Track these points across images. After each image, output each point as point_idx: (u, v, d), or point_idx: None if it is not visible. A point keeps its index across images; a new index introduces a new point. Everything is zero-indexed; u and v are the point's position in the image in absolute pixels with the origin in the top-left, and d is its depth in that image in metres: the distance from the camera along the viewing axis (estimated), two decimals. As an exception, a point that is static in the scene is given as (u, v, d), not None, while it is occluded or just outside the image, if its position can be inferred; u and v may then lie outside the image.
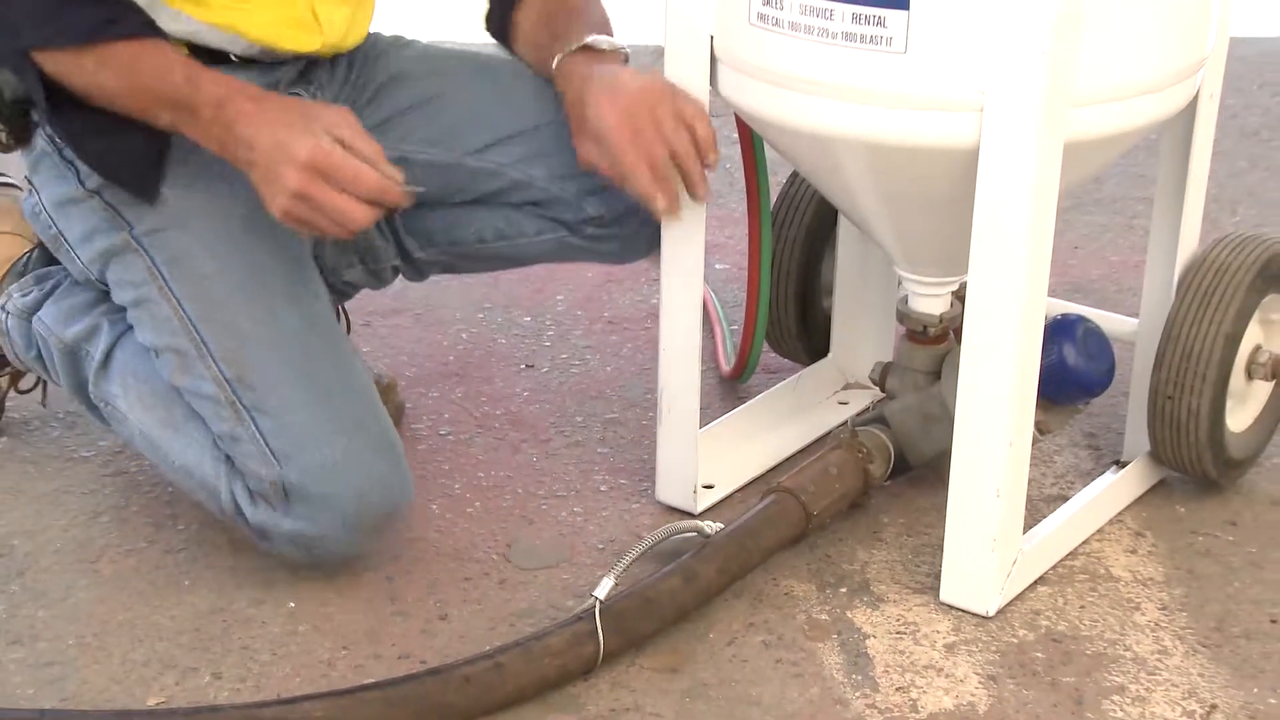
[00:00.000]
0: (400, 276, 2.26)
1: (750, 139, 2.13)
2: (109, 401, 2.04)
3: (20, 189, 2.19)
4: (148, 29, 1.90)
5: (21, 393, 2.29)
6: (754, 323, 2.24)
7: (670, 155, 1.91)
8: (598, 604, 1.82)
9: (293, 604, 1.96)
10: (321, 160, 1.82)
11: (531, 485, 2.21)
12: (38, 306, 2.11)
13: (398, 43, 2.22)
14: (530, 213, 2.12)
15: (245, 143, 1.86)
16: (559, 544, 2.08)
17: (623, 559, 1.88)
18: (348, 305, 2.36)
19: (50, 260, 2.16)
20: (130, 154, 1.96)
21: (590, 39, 2.01)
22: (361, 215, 1.84)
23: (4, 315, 2.15)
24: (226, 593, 1.98)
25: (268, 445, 1.90)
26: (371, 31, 2.17)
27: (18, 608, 1.95)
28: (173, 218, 1.98)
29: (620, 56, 2.01)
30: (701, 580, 1.89)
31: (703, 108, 1.94)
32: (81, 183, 2.01)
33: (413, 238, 2.17)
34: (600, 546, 2.07)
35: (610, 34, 2.05)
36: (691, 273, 2.02)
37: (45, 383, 2.25)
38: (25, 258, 2.20)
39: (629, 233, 2.09)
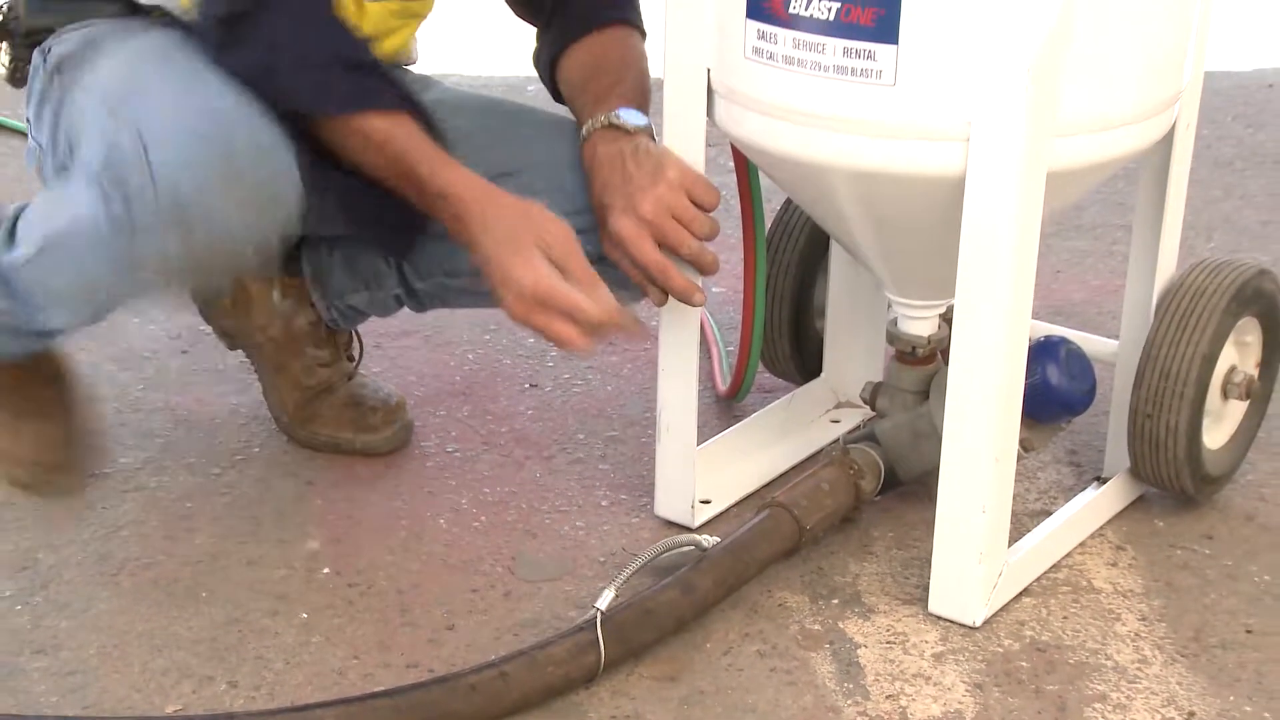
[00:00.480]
0: (404, 308, 2.25)
1: (745, 168, 2.12)
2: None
3: None
4: (404, 102, 1.92)
5: None
6: (749, 344, 2.24)
7: (685, 254, 1.93)
8: (599, 615, 1.81)
9: (305, 615, 1.95)
10: (541, 294, 1.81)
11: (535, 500, 2.20)
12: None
13: (423, 80, 2.22)
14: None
15: (472, 243, 1.88)
16: (562, 557, 2.08)
17: (623, 571, 1.87)
18: (361, 329, 2.36)
19: None
20: (380, 213, 2.00)
21: (620, 118, 1.98)
22: (580, 342, 1.83)
23: None
24: (242, 604, 1.97)
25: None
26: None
27: (41, 618, 1.94)
28: (97, 53, 1.95)
29: (646, 133, 1.99)
30: (699, 592, 1.89)
31: (711, 191, 1.94)
32: (50, 74, 1.98)
33: (412, 266, 2.16)
34: (601, 559, 2.07)
35: (645, 99, 2.04)
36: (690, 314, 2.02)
37: None
38: None
39: (621, 274, 2.08)
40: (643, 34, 2.14)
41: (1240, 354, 2.14)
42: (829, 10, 1.75)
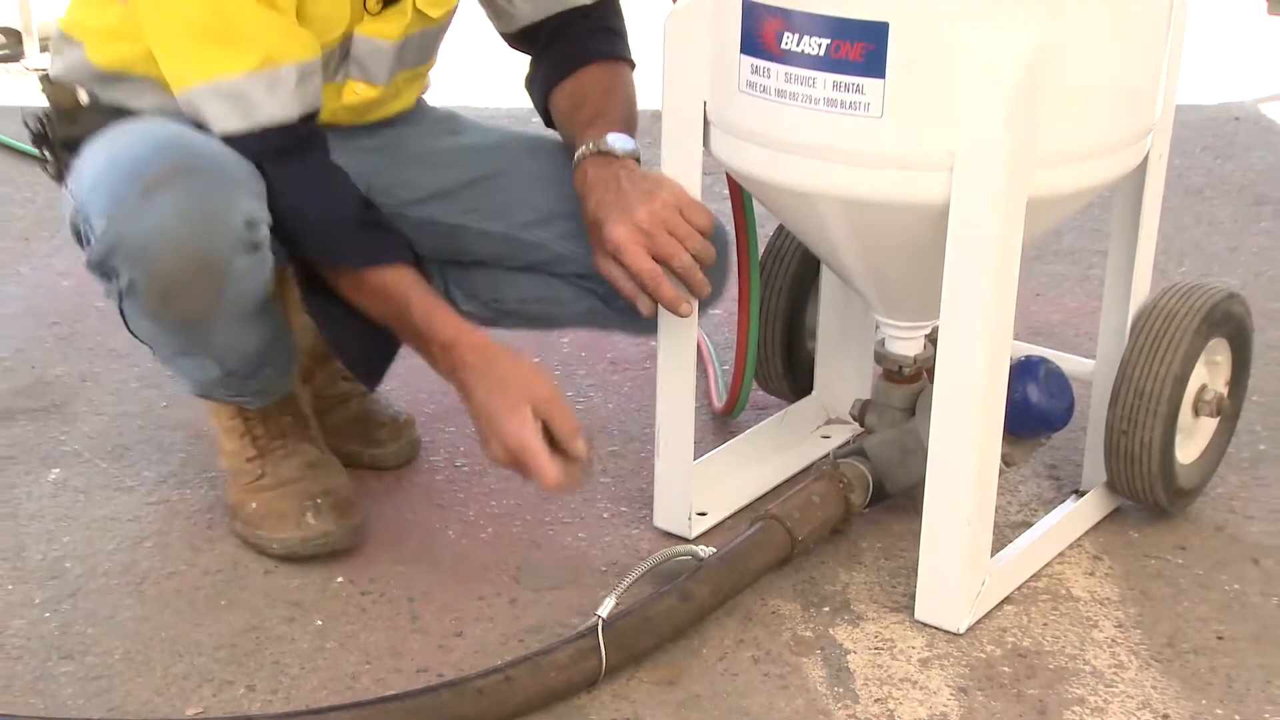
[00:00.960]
0: None
1: (740, 195, 2.12)
2: None
3: None
4: (406, 253, 1.95)
5: None
6: (744, 364, 2.24)
7: (676, 269, 1.93)
8: (600, 622, 1.81)
9: (320, 622, 1.95)
10: (521, 454, 1.85)
11: (539, 513, 2.20)
12: None
13: (453, 118, 2.24)
14: (570, 282, 2.10)
15: (465, 391, 1.91)
16: (565, 566, 2.07)
17: (623, 580, 1.87)
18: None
19: None
20: (362, 343, 2.02)
21: (608, 143, 2.00)
22: (553, 485, 1.85)
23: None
24: (259, 612, 1.97)
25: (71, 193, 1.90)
26: (426, 102, 2.22)
27: (69, 625, 1.94)
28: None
29: (634, 158, 2.00)
30: (696, 600, 1.89)
31: (704, 213, 1.95)
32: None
33: (460, 290, 2.17)
34: (603, 569, 2.07)
35: (632, 126, 2.06)
36: (686, 319, 2.02)
37: None
38: None
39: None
40: (631, 66, 2.15)
41: (1211, 373, 2.14)
42: (819, 46, 1.76)
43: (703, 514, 2.14)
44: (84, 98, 2.00)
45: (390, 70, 2.06)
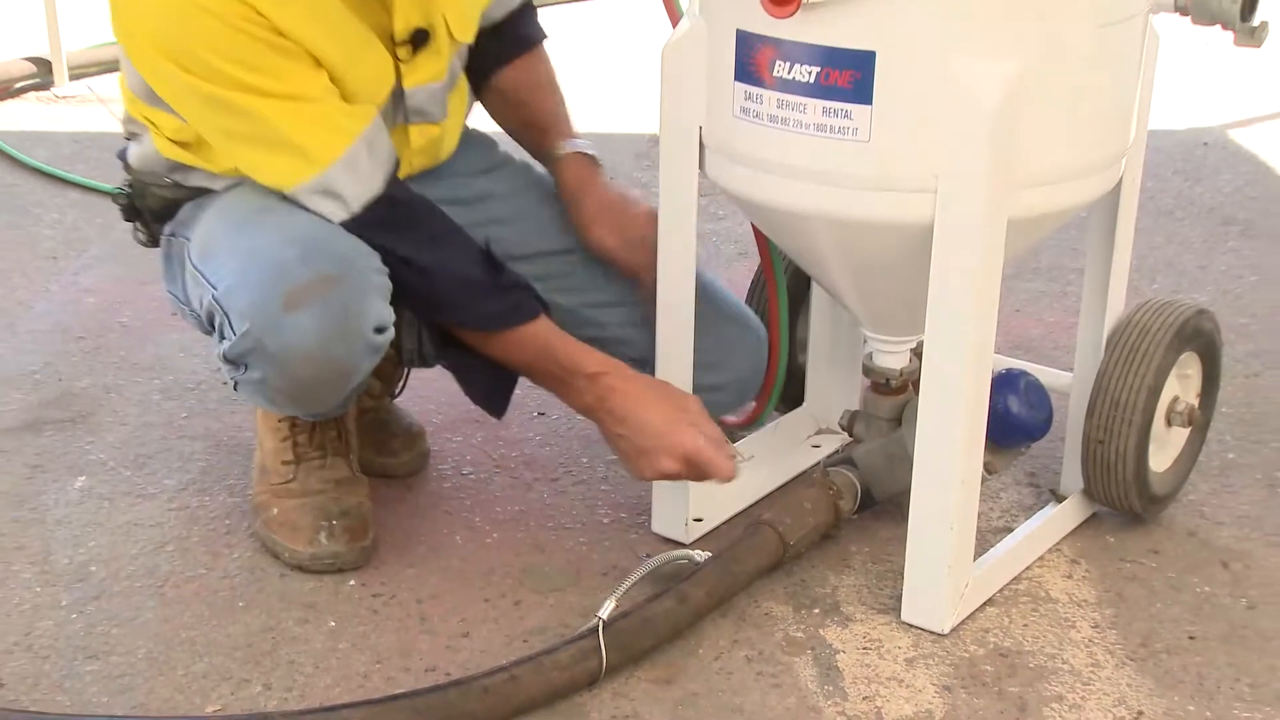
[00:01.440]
0: None
1: (765, 240, 2.13)
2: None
3: None
4: (536, 306, 1.96)
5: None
6: (772, 385, 2.22)
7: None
8: (601, 623, 1.81)
9: (333, 623, 1.94)
10: (696, 456, 1.92)
11: (543, 518, 2.19)
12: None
13: (509, 161, 2.24)
14: (623, 356, 2.08)
15: (618, 417, 1.94)
16: (567, 570, 2.07)
17: (623, 583, 1.87)
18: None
19: None
20: (490, 383, 2.05)
21: (587, 147, 2.10)
22: (729, 477, 1.95)
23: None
24: (275, 613, 1.96)
25: (209, 281, 1.90)
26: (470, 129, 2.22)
27: (94, 626, 1.93)
28: (199, 213, 1.99)
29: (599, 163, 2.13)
30: (692, 602, 1.88)
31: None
32: (169, 238, 2.04)
33: None
34: (603, 572, 2.06)
35: (570, 126, 2.14)
36: (683, 339, 2.02)
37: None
38: None
39: (733, 398, 2.18)
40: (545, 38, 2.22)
41: (1182, 386, 2.14)
42: (809, 74, 1.75)
43: (699, 520, 2.13)
44: (166, 186, 2.02)
45: (443, 103, 2.05)
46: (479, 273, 1.94)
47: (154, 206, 2.05)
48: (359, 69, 1.89)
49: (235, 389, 1.96)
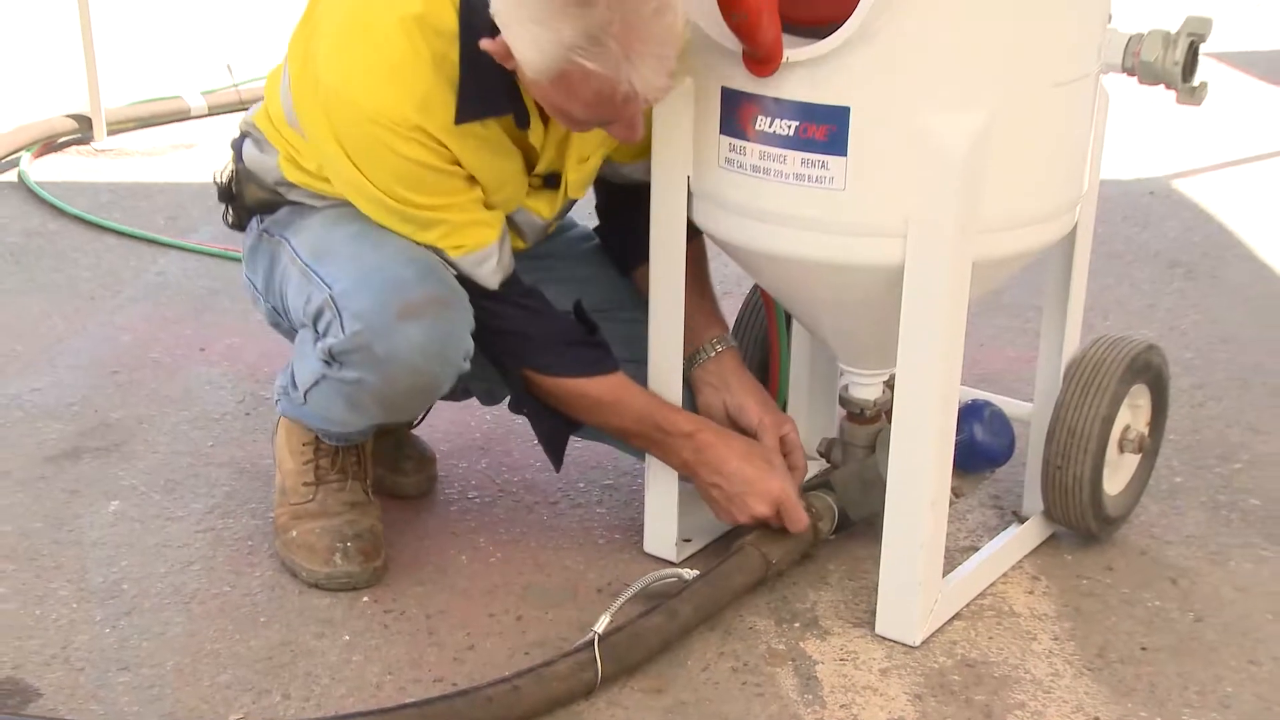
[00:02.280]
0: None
1: (771, 301, 2.13)
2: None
3: None
4: (615, 361, 1.97)
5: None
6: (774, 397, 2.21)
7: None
8: (597, 637, 1.79)
9: (348, 637, 1.92)
10: (785, 501, 1.96)
11: (543, 539, 2.17)
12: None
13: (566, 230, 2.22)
14: None
15: (713, 468, 1.96)
16: (565, 587, 2.05)
17: (617, 600, 1.86)
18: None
19: None
20: (555, 430, 2.04)
21: (724, 345, 2.06)
22: (798, 526, 1.97)
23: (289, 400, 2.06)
24: (294, 628, 1.94)
25: (324, 280, 1.87)
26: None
27: (126, 640, 1.91)
28: (299, 218, 1.99)
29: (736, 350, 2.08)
30: (681, 617, 1.87)
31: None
32: (262, 233, 2.03)
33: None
34: (599, 589, 2.04)
35: (720, 312, 2.09)
36: (672, 368, 2.00)
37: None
38: None
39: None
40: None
41: (1133, 415, 2.13)
42: (789, 128, 1.75)
43: (688, 540, 2.11)
44: (267, 190, 2.02)
45: (537, 239, 2.05)
46: (567, 328, 1.97)
47: (249, 200, 2.05)
48: (502, 192, 1.92)
49: (311, 388, 1.94)
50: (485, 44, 1.71)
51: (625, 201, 2.05)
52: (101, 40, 4.01)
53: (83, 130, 4.10)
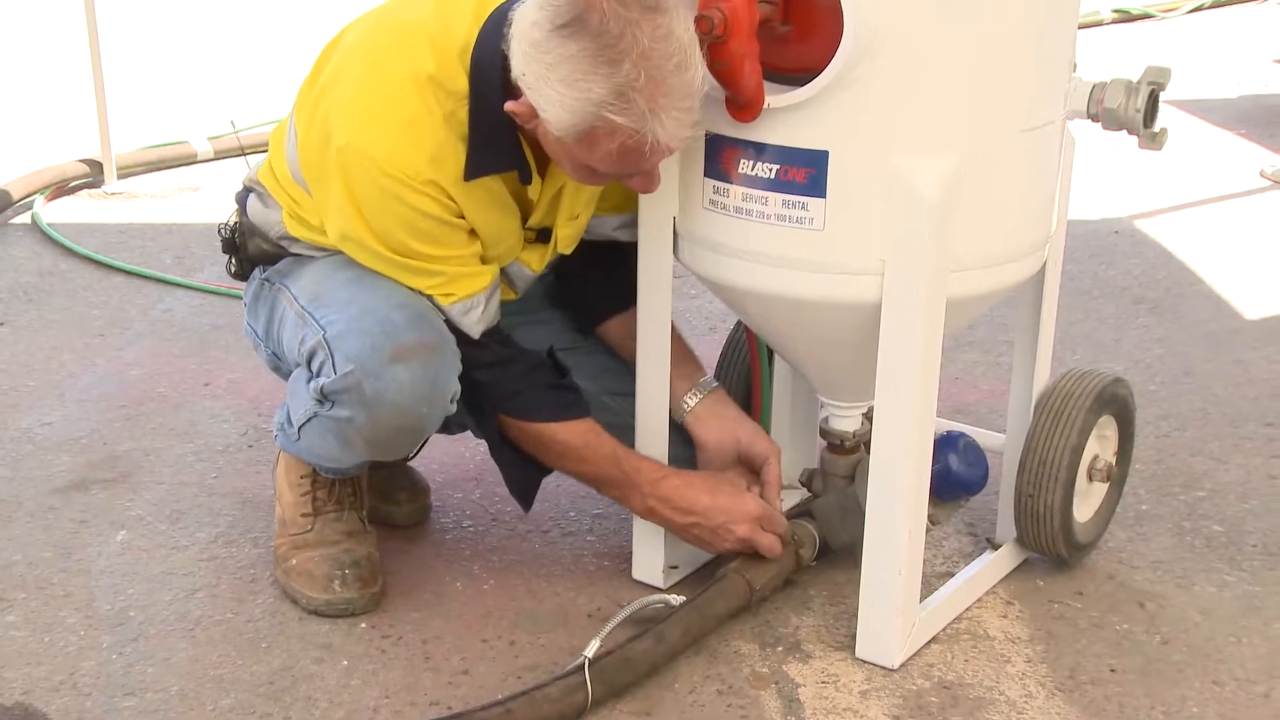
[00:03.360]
0: None
1: (755, 339, 2.12)
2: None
3: None
4: (588, 408, 1.97)
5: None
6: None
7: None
8: (587, 661, 1.78)
9: (346, 662, 1.91)
10: (764, 514, 1.96)
11: (535, 566, 2.16)
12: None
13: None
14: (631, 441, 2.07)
15: (684, 509, 1.95)
16: (556, 613, 2.03)
17: (606, 625, 1.84)
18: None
19: None
20: (527, 477, 2.03)
21: (714, 383, 2.06)
22: (777, 547, 1.97)
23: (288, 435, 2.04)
24: (294, 653, 1.93)
25: (319, 323, 1.88)
26: None
27: (131, 665, 1.89)
28: (299, 267, 1.99)
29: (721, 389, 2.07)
30: (668, 642, 1.86)
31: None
32: (263, 282, 2.03)
33: None
34: (589, 615, 2.03)
35: (695, 356, 2.08)
36: (660, 400, 2.00)
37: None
38: None
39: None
40: None
41: (1101, 445, 2.12)
42: (770, 171, 1.75)
43: (674, 567, 2.10)
44: (270, 243, 2.02)
45: (526, 289, 2.05)
46: (547, 372, 1.96)
47: (252, 252, 2.05)
48: (499, 246, 1.92)
49: (304, 425, 1.93)
50: (510, 106, 1.72)
51: (585, 262, 2.05)
52: (112, 87, 4.02)
53: (94, 174, 4.09)
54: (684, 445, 2.05)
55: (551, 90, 1.66)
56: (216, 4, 6.74)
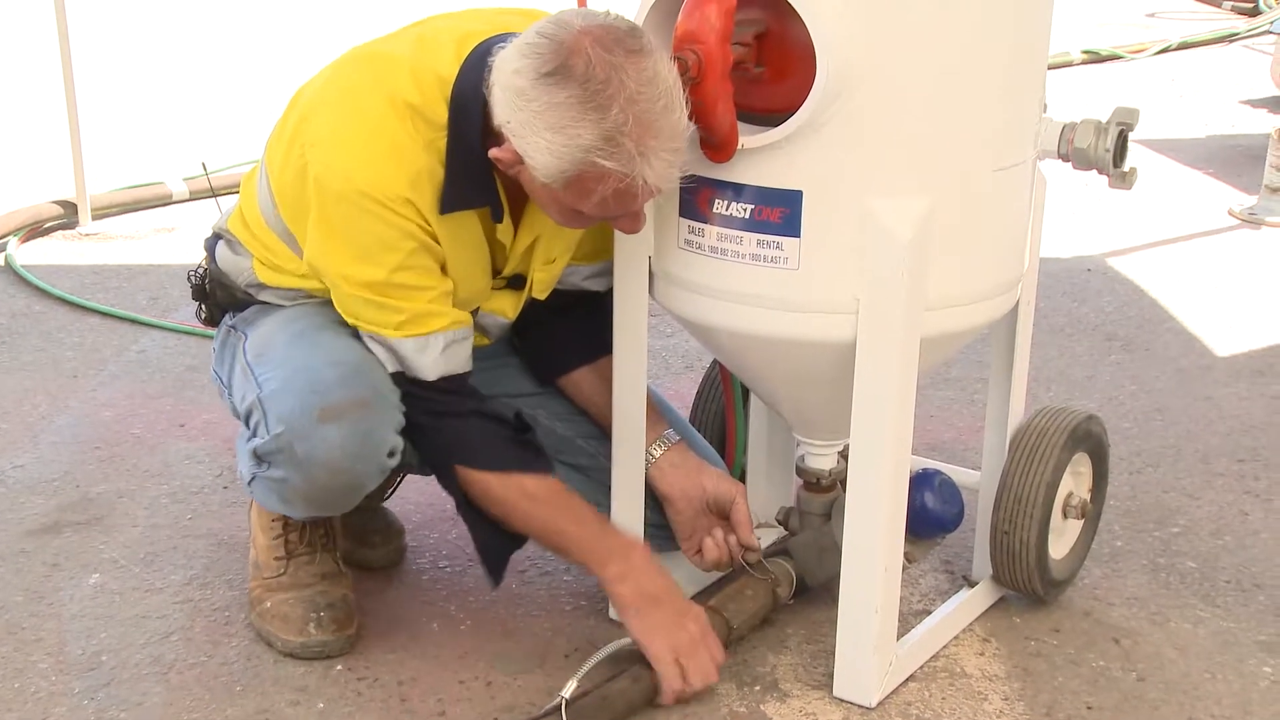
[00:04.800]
0: None
1: (729, 376, 2.12)
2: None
3: None
4: (551, 466, 1.94)
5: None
6: (732, 459, 2.20)
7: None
8: (564, 701, 1.77)
9: (322, 705, 1.89)
10: (688, 653, 1.87)
11: (512, 606, 2.15)
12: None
13: None
14: (596, 483, 2.06)
15: (650, 585, 1.89)
16: (533, 653, 2.02)
17: (584, 665, 1.83)
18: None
19: None
20: (495, 545, 1.98)
21: (675, 437, 2.03)
22: (678, 684, 1.87)
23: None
24: (269, 696, 1.91)
25: (258, 381, 1.87)
26: None
27: (104, 711, 1.87)
28: (262, 316, 1.98)
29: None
30: (645, 681, 1.85)
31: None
32: (229, 329, 2.02)
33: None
34: (566, 655, 2.02)
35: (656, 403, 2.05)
36: (637, 441, 2.00)
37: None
38: None
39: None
40: None
41: (1076, 482, 2.13)
42: (745, 211, 1.76)
43: (651, 606, 2.09)
44: (239, 290, 2.01)
45: (500, 336, 2.05)
46: (506, 425, 1.93)
47: (221, 299, 2.05)
48: (467, 286, 1.91)
49: (249, 485, 1.92)
50: (495, 154, 1.72)
51: (549, 312, 2.04)
52: (87, 128, 4.01)
53: (68, 215, 4.08)
54: (652, 500, 2.04)
55: (539, 138, 1.66)
56: (192, 45, 6.75)
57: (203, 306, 2.10)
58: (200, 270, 2.08)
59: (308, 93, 1.89)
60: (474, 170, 1.78)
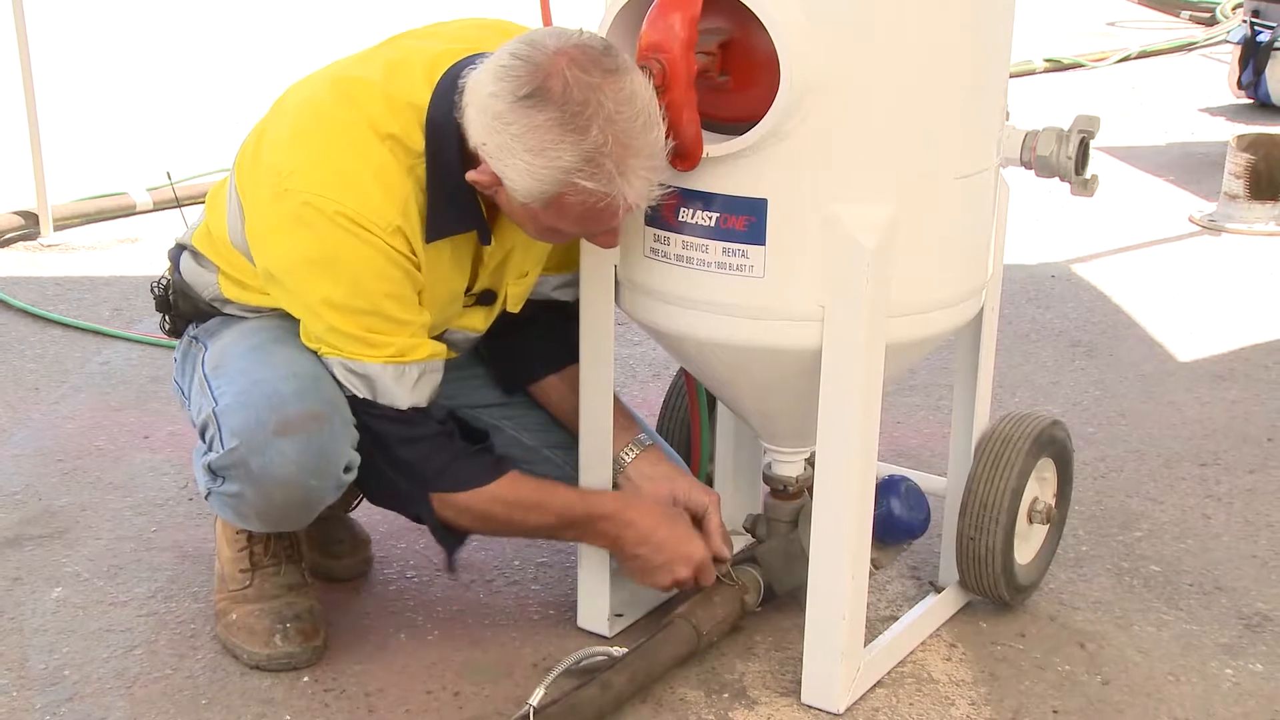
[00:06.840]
0: None
1: (694, 384, 2.11)
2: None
3: None
4: (512, 464, 1.94)
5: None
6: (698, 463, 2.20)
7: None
8: (532, 710, 1.77)
9: (288, 717, 1.88)
10: (703, 565, 1.96)
11: (479, 616, 2.14)
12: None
13: None
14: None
15: (640, 539, 1.93)
16: (501, 662, 2.02)
17: (551, 673, 1.83)
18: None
19: None
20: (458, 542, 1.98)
21: (656, 441, 2.05)
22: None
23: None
24: (236, 709, 1.90)
25: (213, 394, 1.86)
26: None
27: (66, 725, 1.85)
28: (224, 328, 1.97)
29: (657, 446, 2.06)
30: (614, 689, 1.85)
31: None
32: (191, 340, 2.01)
33: None
34: (534, 664, 2.01)
35: (629, 415, 2.05)
36: (604, 449, 2.00)
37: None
38: None
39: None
40: None
41: (1041, 487, 2.14)
42: (710, 219, 1.76)
43: (619, 615, 2.09)
44: (203, 302, 2.00)
45: (469, 350, 2.05)
46: (463, 443, 1.91)
47: (185, 310, 2.04)
48: (442, 310, 1.90)
49: (207, 498, 1.91)
50: (472, 176, 1.72)
51: (518, 322, 2.04)
52: (48, 137, 3.98)
53: (29, 226, 4.04)
54: None
55: (518, 160, 1.65)
56: (156, 52, 6.71)
57: (166, 318, 2.08)
58: (164, 281, 2.07)
59: (280, 118, 1.86)
60: (457, 195, 1.78)
